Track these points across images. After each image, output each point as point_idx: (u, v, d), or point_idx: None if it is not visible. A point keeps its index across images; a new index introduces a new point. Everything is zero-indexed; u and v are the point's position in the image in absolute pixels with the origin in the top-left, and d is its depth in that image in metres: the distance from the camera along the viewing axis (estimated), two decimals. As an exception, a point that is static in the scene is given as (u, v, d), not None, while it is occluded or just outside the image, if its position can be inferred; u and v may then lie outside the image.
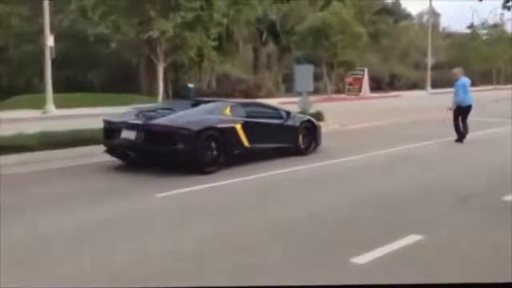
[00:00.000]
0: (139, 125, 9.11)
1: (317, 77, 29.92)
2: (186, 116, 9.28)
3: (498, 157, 10.78)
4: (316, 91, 27.98)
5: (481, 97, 29.92)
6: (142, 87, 28.63)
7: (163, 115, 9.40)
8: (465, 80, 13.02)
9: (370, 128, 15.97)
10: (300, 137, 10.79)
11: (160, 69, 23.68)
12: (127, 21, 22.81)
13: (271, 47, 33.84)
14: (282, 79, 30.93)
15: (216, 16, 22.42)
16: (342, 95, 32.22)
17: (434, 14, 50.20)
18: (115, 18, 22.46)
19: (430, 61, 38.63)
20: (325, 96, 29.76)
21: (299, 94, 18.35)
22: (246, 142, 9.55)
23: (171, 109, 9.98)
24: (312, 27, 31.62)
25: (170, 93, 27.66)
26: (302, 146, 10.78)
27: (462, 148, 12.17)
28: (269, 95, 29.73)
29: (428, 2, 40.86)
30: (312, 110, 16.70)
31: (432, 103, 24.93)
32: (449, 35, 51.98)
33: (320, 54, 31.99)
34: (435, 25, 51.68)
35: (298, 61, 27.42)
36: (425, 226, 5.82)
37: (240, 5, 29.40)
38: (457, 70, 13.45)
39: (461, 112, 12.87)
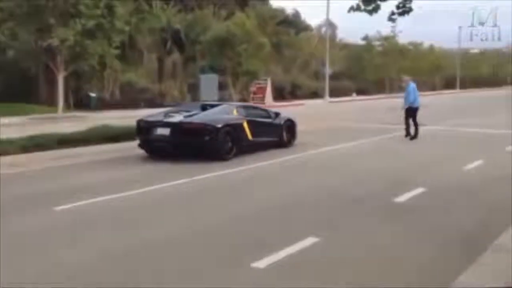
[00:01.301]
0: (173, 123, 11.41)
1: (222, 86, 30.31)
2: (208, 116, 11.78)
3: (392, 161, 11.65)
4: (221, 100, 28.32)
5: (377, 105, 32.04)
6: (41, 97, 27.28)
7: (186, 116, 11.70)
8: (414, 85, 15.39)
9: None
10: (284, 133, 13.40)
11: (60, 78, 22.79)
12: (25, 29, 21.74)
13: (176, 56, 33.68)
14: (188, 88, 30.88)
15: (118, 24, 22.01)
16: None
17: (331, 26, 52.66)
18: (12, 25, 21.33)
19: (328, 71, 40.45)
20: (230, 105, 30.14)
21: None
22: (250, 136, 12.15)
23: (188, 111, 12.25)
24: (217, 37, 31.99)
25: (71, 102, 26.62)
26: (286, 140, 13.38)
27: (362, 153, 13.00)
28: (174, 103, 29.51)
29: (325, 14, 42.66)
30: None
31: (330, 110, 26.17)
32: (345, 46, 54.69)
33: (225, 64, 32.42)
34: (333, 37, 54.19)
35: (203, 70, 27.62)
36: (322, 229, 6.16)
37: (143, 13, 29.07)
38: (407, 78, 16.10)
39: (412, 111, 15.18)
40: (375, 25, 56.73)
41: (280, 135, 13.34)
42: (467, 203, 7.68)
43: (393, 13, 7.29)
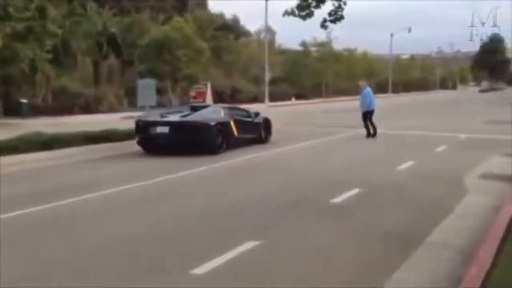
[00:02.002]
0: (171, 122, 13.09)
1: (161, 91, 29.90)
2: (202, 115, 13.49)
3: (330, 163, 11.91)
4: (160, 105, 27.90)
5: (315, 108, 32.63)
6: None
7: (181, 116, 13.55)
8: (370, 89, 17.24)
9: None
10: (262, 130, 15.23)
11: (-13, 83, 21.68)
12: None
13: (112, 60, 32.89)
14: (125, 93, 30.23)
15: (51, 27, 21.24)
16: (187, 109, 32.59)
17: (270, 31, 53.31)
18: None
19: (267, 75, 40.87)
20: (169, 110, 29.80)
21: (142, 108, 18.19)
22: (236, 133, 13.79)
23: (181, 112, 14.25)
24: (154, 41, 31.59)
25: (1, 109, 25.38)
26: (263, 136, 15.20)
27: (298, 156, 13.20)
28: (111, 109, 28.85)
29: (264, 20, 43.15)
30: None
31: (271, 115, 26.37)
32: (284, 52, 55.51)
33: (164, 68, 32.03)
34: (272, 42, 54.87)
35: (141, 75, 27.16)
36: (261, 232, 6.20)
37: (77, 16, 28.22)
38: (362, 82, 17.84)
39: (369, 114, 16.83)
40: (312, 31, 57.87)
41: (259, 132, 15.20)
42: (400, 202, 7.95)
43: (325, 20, 7.46)
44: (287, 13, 7.45)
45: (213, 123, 13.06)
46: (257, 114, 15.56)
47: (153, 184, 9.27)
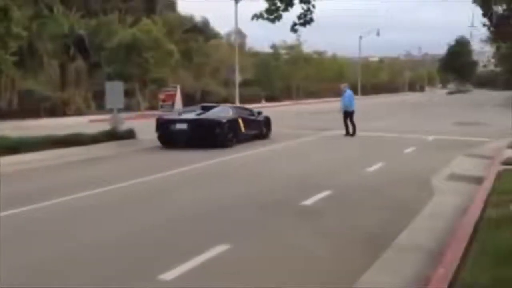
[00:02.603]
0: (189, 120, 15.28)
1: (130, 94, 29.47)
2: (214, 114, 15.62)
3: (302, 165, 11.90)
4: (129, 108, 27.51)
5: (285, 111, 32.72)
6: None
7: (197, 114, 15.88)
8: (351, 92, 18.81)
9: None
10: (264, 127, 17.14)
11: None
12: None
13: (80, 62, 32.24)
14: (93, 96, 29.68)
15: (15, 29, 20.67)
16: (156, 112, 32.19)
17: (240, 34, 53.24)
18: None
19: (238, 78, 40.80)
20: (138, 113, 29.43)
21: (110, 111, 17.89)
22: (243, 129, 15.71)
23: (194, 111, 16.42)
24: (122, 43, 31.13)
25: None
26: (264, 133, 17.08)
27: (270, 158, 13.16)
28: (79, 112, 28.31)
29: (234, 22, 43.07)
30: (124, 127, 16.45)
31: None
32: (255, 54, 55.53)
33: (132, 71, 31.59)
34: (242, 45, 54.80)
35: (110, 78, 26.65)
36: (232, 235, 6.13)
37: (43, 18, 27.62)
38: (343, 85, 19.42)
39: (349, 115, 18.03)
40: (282, 34, 58.08)
41: (261, 129, 17.12)
42: (369, 203, 7.99)
43: (295, 24, 7.43)
44: (256, 16, 7.39)
45: (224, 120, 15.05)
46: (259, 113, 17.60)
47: (130, 186, 9.08)
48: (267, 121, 17.60)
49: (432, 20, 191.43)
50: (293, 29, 7.52)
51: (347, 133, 17.91)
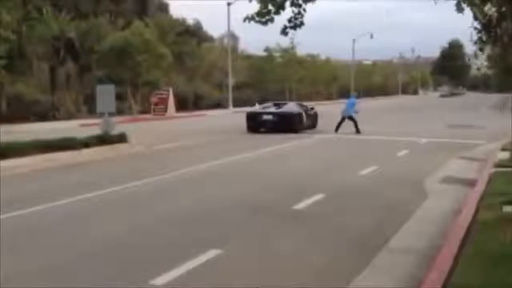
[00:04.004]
0: (273, 112, 20.94)
1: (121, 98, 29.28)
2: (289, 108, 21.48)
3: (296, 168, 11.79)
4: (121, 112, 27.31)
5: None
6: None
7: (276, 108, 21.56)
8: (353, 99, 21.63)
9: (175, 148, 16.10)
10: (314, 121, 22.34)
11: None
12: None
13: (70, 66, 31.96)
14: (84, 100, 29.45)
15: (3, 32, 20.46)
16: (148, 116, 32.05)
17: (233, 37, 53.23)
18: None
19: (231, 81, 40.71)
20: (130, 117, 29.25)
21: (101, 115, 17.69)
22: (305, 120, 20.89)
23: (272, 106, 22.11)
24: (114, 46, 30.94)
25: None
26: (313, 125, 21.95)
27: (264, 160, 13.03)
28: (69, 116, 28.08)
29: (227, 25, 43.08)
30: (116, 131, 16.28)
31: (233, 121, 26.30)
32: (248, 57, 55.42)
33: (124, 74, 31.41)
34: (235, 48, 54.73)
35: (100, 81, 26.44)
36: (224, 240, 6.03)
37: (32, 20, 27.38)
38: (352, 93, 23.71)
39: (349, 118, 20.55)
40: (276, 37, 58.04)
41: (313, 121, 21.97)
42: (363, 206, 7.92)
43: (285, 27, 7.36)
44: (248, 18, 7.31)
45: (296, 112, 20.72)
46: (312, 108, 22.64)
47: (120, 191, 8.93)
48: (316, 116, 22.46)
49: (426, 23, 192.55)
50: (284, 32, 7.46)
51: (336, 129, 20.19)
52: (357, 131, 19.91)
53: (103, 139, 15.66)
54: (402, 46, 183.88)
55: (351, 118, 20.46)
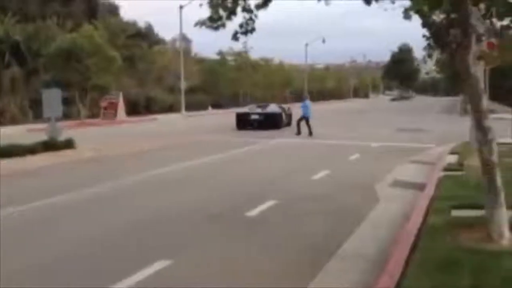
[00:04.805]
0: (260, 112, 25.16)
1: (69, 102, 28.42)
2: (272, 109, 25.82)
3: (247, 174, 11.68)
4: (68, 117, 26.52)
5: (231, 118, 32.34)
6: None
7: (262, 109, 25.70)
8: (307, 102, 22.88)
9: (124, 154, 15.70)
10: (289, 120, 25.99)
11: None
12: None
13: (15, 69, 30.76)
14: (30, 104, 28.42)
15: None
16: (97, 120, 31.24)
17: (185, 40, 52.69)
18: None
19: (183, 85, 40.26)
20: (78, 122, 28.43)
21: (48, 120, 17.09)
22: (284, 119, 25.35)
23: (257, 108, 26.09)
24: (61, 49, 30.01)
25: None
26: (288, 123, 25.61)
27: (214, 168, 12.86)
28: (14, 121, 27.07)
29: (179, 28, 42.62)
30: (62, 137, 15.75)
31: (186, 126, 26.00)
32: (201, 60, 55.02)
33: (72, 78, 30.50)
34: (187, 51, 54.23)
35: (47, 85, 25.56)
36: (174, 250, 5.87)
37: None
38: (305, 95, 24.70)
39: (305, 119, 21.96)
40: (229, 41, 57.90)
41: (289, 120, 25.84)
42: (314, 212, 7.89)
43: (236, 32, 7.27)
44: (199, 23, 7.16)
45: (279, 112, 25.33)
46: (288, 109, 26.92)
47: (67, 200, 8.55)
48: (291, 115, 26.27)
49: (376, 28, 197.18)
50: (235, 37, 7.35)
51: (298, 133, 21.35)
52: (310, 133, 21.13)
53: (50, 145, 15.15)
54: (354, 50, 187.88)
55: (307, 120, 21.86)
